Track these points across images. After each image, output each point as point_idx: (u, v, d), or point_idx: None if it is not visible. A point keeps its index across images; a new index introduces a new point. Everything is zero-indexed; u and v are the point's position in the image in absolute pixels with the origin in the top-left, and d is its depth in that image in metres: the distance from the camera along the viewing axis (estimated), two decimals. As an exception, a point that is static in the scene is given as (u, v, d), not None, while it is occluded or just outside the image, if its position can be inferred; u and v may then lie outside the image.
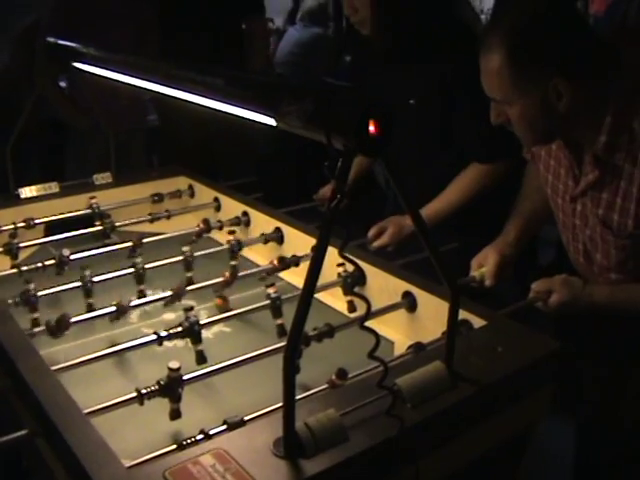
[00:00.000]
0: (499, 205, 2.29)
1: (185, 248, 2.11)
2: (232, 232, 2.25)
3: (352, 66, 2.57)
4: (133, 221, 2.45)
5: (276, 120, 1.25)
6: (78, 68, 2.13)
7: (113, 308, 1.75)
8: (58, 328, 1.65)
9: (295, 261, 2.05)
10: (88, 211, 2.49)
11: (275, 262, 2.02)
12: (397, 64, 2.26)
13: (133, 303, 1.81)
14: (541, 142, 1.85)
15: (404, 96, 2.25)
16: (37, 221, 2.35)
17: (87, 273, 1.91)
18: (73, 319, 1.68)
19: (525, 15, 1.64)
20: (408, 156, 2.27)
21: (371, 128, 1.09)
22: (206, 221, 2.36)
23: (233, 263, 2.13)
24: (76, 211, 2.48)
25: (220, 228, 2.40)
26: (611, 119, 1.64)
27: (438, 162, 2.32)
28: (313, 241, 1.89)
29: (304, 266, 1.91)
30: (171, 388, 1.40)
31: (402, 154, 2.15)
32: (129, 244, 2.19)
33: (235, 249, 2.17)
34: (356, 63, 2.55)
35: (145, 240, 2.22)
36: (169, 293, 1.85)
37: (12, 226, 2.29)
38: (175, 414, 1.42)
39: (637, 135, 1.63)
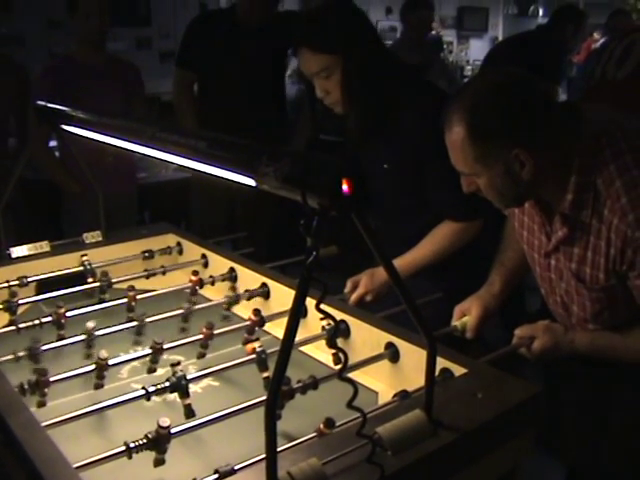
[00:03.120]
0: (481, 252, 2.36)
1: (186, 305, 2.18)
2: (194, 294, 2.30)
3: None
4: (128, 277, 2.47)
5: (255, 181, 1.30)
6: (67, 130, 2.19)
7: (93, 366, 1.78)
8: (37, 387, 1.67)
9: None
10: (80, 268, 2.52)
11: (252, 317, 2.05)
12: (370, 137, 2.33)
13: (112, 362, 1.81)
14: (512, 205, 1.91)
15: (379, 161, 2.33)
16: (30, 279, 2.38)
17: (91, 326, 1.96)
18: (53, 378, 1.70)
19: (481, 92, 1.69)
20: (388, 215, 2.34)
21: (344, 187, 1.14)
22: (199, 278, 2.40)
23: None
24: (68, 269, 2.50)
25: (212, 283, 2.44)
26: (575, 178, 1.70)
27: (418, 220, 2.38)
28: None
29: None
30: (159, 442, 1.43)
31: (383, 214, 2.23)
32: (124, 300, 2.23)
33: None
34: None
35: (139, 296, 2.26)
36: (149, 351, 1.88)
37: (6, 284, 2.31)
38: (159, 462, 1.45)
39: (601, 192, 1.68)
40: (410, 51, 5.02)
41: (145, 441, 1.41)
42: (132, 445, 1.40)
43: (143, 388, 1.61)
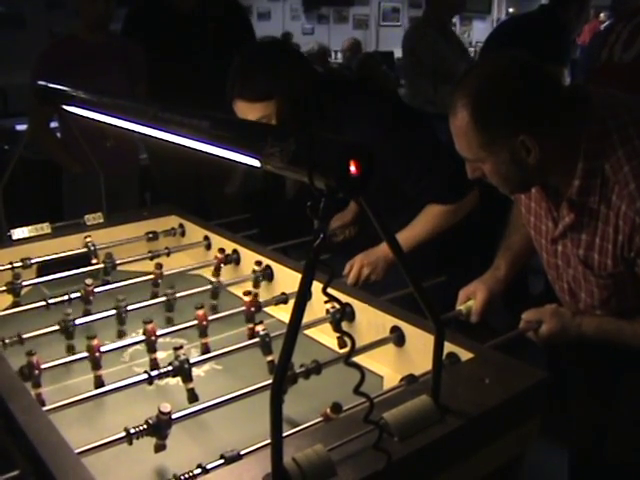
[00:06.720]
0: (485, 234, 2.33)
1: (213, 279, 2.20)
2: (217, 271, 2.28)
3: None
4: (132, 259, 2.46)
5: (260, 161, 1.28)
6: (68, 111, 2.16)
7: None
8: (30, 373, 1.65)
9: (284, 299, 2.08)
10: (84, 250, 2.50)
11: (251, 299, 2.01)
12: None
13: (107, 348, 1.78)
14: (518, 191, 1.88)
15: None
16: (33, 261, 2.36)
17: (122, 302, 1.99)
18: (45, 365, 1.67)
19: (486, 77, 1.66)
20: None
21: (352, 168, 1.11)
22: (225, 256, 2.40)
23: (214, 302, 2.16)
24: (69, 251, 2.48)
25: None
26: (583, 164, 1.67)
27: (403, 213, 2.34)
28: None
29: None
30: (160, 428, 1.41)
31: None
32: (127, 282, 2.23)
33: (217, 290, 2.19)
34: None
35: (144, 278, 2.26)
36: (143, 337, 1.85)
37: (9, 266, 2.30)
38: (160, 448, 1.43)
39: (609, 178, 1.65)
40: (435, 34, 4.91)
41: (145, 427, 1.40)
42: (132, 431, 1.38)
43: (145, 372, 1.60)
